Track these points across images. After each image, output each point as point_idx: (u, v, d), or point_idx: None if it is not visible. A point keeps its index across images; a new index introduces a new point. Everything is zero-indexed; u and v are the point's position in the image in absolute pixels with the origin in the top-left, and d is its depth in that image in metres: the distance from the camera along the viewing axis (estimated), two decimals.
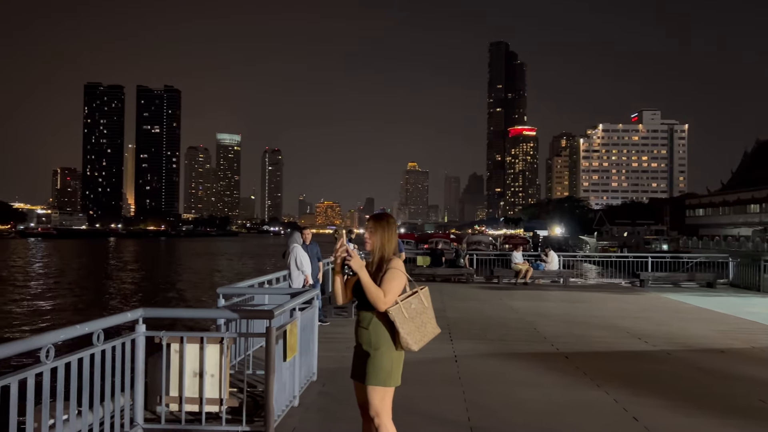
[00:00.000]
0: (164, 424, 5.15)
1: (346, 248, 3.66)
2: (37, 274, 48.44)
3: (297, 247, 10.10)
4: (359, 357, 3.80)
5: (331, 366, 7.56)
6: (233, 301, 7.52)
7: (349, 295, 3.90)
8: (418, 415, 5.60)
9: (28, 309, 26.88)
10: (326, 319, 10.61)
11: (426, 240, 48.08)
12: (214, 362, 5.20)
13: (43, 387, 3.86)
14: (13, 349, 3.61)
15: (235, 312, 5.74)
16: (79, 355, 4.24)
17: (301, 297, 6.31)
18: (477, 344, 9.29)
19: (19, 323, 22.77)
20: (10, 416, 3.56)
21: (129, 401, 5.05)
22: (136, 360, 5.03)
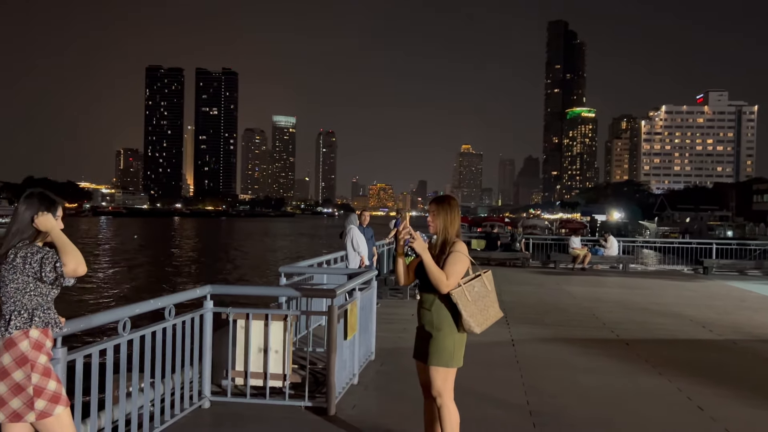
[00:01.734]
0: (230, 397, 5.34)
1: (410, 230, 3.70)
2: (112, 251, 50.47)
3: (354, 229, 10.21)
4: (421, 338, 3.84)
5: (387, 346, 7.65)
6: (294, 280, 7.68)
7: (412, 276, 3.94)
8: (478, 397, 5.62)
9: (105, 284, 28.08)
10: (378, 301, 10.71)
11: (480, 223, 47.73)
12: (278, 339, 5.35)
13: (121, 357, 4.07)
14: (94, 321, 3.82)
15: (298, 290, 5.89)
16: (152, 328, 4.44)
17: (361, 277, 6.39)
18: (534, 329, 9.22)
19: (97, 297, 23.82)
20: (91, 384, 3.78)
21: (197, 374, 5.25)
22: (204, 335, 5.23)
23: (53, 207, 3.02)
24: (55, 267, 2.86)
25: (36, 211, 2.96)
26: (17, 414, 2.80)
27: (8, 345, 2.82)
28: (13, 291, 2.86)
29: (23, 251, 2.87)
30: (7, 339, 2.82)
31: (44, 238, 3.00)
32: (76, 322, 3.52)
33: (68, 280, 2.96)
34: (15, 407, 2.79)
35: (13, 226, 2.95)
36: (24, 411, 2.80)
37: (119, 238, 73.29)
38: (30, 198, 3.01)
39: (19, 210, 2.97)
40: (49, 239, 2.99)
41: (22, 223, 2.95)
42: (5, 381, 2.79)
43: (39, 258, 2.86)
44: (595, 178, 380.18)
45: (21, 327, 2.85)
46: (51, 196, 3.06)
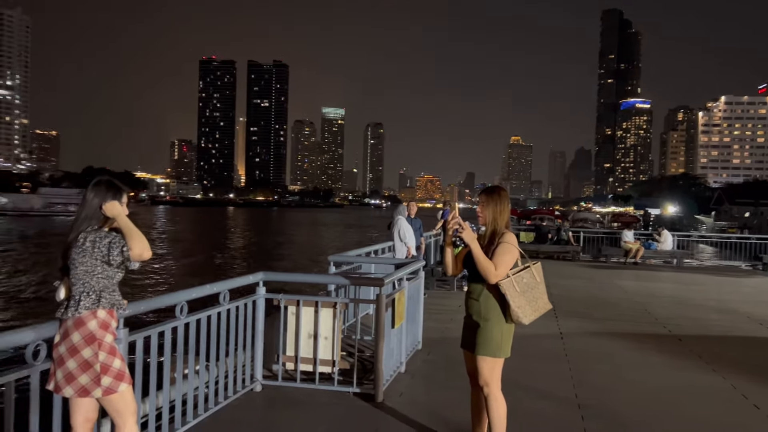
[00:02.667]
0: (281, 381, 5.49)
1: (459, 220, 3.73)
2: (171, 238, 51.96)
3: (401, 219, 10.27)
4: (469, 327, 3.88)
5: (434, 336, 7.70)
6: (342, 269, 7.80)
7: (460, 267, 3.97)
8: (526, 389, 5.62)
9: (164, 269, 28.97)
10: (426, 291, 10.76)
11: (529, 216, 47.09)
12: (328, 325, 5.47)
13: (177, 340, 4.24)
14: (153, 304, 3.99)
15: (347, 279, 5.99)
16: (207, 312, 4.61)
17: (408, 267, 6.45)
18: (583, 322, 9.11)
19: (156, 282, 24.63)
20: (151, 364, 3.96)
21: (249, 358, 5.42)
22: (256, 320, 5.38)
23: (119, 194, 3.17)
24: (122, 251, 3.00)
25: (103, 199, 3.11)
26: (85, 389, 2.96)
27: (78, 324, 2.99)
28: (82, 273, 3.02)
29: (92, 236, 3.03)
30: (77, 318, 2.99)
31: (111, 224, 3.15)
32: (137, 305, 3.69)
33: (134, 264, 3.10)
34: (83, 383, 2.95)
35: (83, 213, 3.11)
36: (91, 387, 2.96)
37: (178, 226, 75.36)
38: (98, 186, 3.16)
39: (87, 197, 3.13)
40: (115, 225, 3.14)
41: (90, 210, 3.10)
42: (75, 358, 2.95)
43: (107, 242, 3.01)
44: (649, 170, 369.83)
45: (89, 307, 3.00)
46: (117, 184, 3.22)
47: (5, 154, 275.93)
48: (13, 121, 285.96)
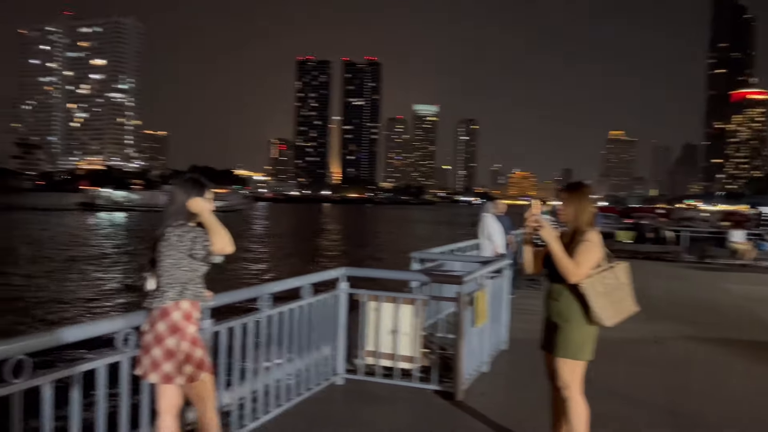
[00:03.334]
0: (362, 375, 5.56)
1: (537, 218, 3.62)
2: (270, 233, 53.94)
3: (488, 217, 10.11)
4: (549, 328, 3.77)
5: (521, 336, 7.52)
6: (426, 266, 7.79)
7: (540, 266, 3.86)
8: (612, 394, 5.39)
9: (253, 262, 30.15)
10: (514, 291, 10.53)
11: (629, 214, 45.14)
12: (408, 322, 5.48)
13: (261, 332, 4.38)
14: (237, 296, 4.15)
15: (427, 276, 5.98)
16: (290, 306, 4.74)
17: (491, 265, 6.35)
18: (681, 326, 8.62)
19: (243, 274, 25.65)
20: (234, 355, 4.12)
21: (332, 352, 5.53)
22: (339, 314, 5.48)
23: (204, 190, 3.31)
24: (204, 245, 3.14)
25: (189, 195, 3.26)
26: (168, 376, 3.12)
27: (163, 314, 3.15)
28: (168, 266, 3.18)
29: (178, 230, 3.18)
30: (162, 308, 3.15)
31: (196, 219, 3.29)
32: (221, 297, 3.84)
33: (217, 258, 3.23)
34: (167, 370, 3.11)
35: (170, 208, 3.27)
36: (174, 374, 3.12)
37: (276, 221, 78.12)
38: (184, 182, 3.32)
39: (174, 193, 3.29)
40: (200, 220, 3.29)
41: (177, 205, 3.26)
42: (159, 346, 3.12)
43: (191, 237, 3.15)
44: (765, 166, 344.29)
45: (174, 298, 3.16)
46: (202, 181, 3.36)
47: (119, 154, 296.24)
48: (126, 122, 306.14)
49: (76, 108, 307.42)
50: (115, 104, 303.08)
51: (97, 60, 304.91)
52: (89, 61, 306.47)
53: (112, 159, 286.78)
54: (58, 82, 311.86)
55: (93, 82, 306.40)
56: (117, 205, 79.44)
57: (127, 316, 3.30)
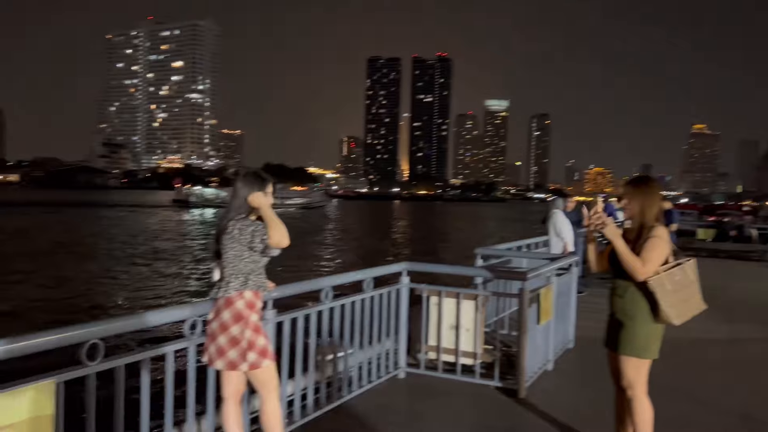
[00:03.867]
0: (423, 369, 5.58)
1: (601, 215, 3.54)
2: (340, 228, 54.77)
3: (558, 213, 9.90)
4: (613, 326, 3.68)
5: (589, 335, 7.31)
6: (490, 263, 7.71)
7: (605, 263, 3.77)
8: (679, 395, 5.19)
9: (317, 256, 30.69)
10: (584, 290, 10.26)
11: (712, 212, 43.09)
12: (470, 318, 5.45)
13: (322, 325, 4.47)
14: (299, 288, 4.25)
15: (490, 272, 5.92)
16: (352, 298, 4.81)
17: (557, 262, 6.22)
18: (761, 328, 8.16)
19: (307, 267, 26.13)
20: (297, 345, 4.22)
21: (394, 345, 5.57)
22: (400, 309, 5.51)
23: (264, 185, 3.41)
24: (263, 239, 3.24)
25: (250, 190, 3.37)
26: (233, 363, 3.24)
27: (227, 303, 3.27)
28: (231, 257, 3.30)
29: (239, 224, 3.30)
30: (227, 298, 3.27)
31: (257, 213, 3.40)
32: (283, 288, 3.95)
33: (274, 251, 3.33)
34: (231, 357, 3.23)
35: (233, 202, 3.39)
36: (238, 361, 3.24)
37: (348, 217, 79.13)
38: (245, 178, 3.43)
39: (237, 188, 3.41)
40: (260, 214, 3.39)
41: (239, 200, 3.38)
42: (224, 334, 3.24)
43: (251, 230, 3.26)
44: None
45: (238, 288, 3.28)
46: (262, 176, 3.46)
47: (197, 152, 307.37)
48: (204, 122, 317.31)
49: (157, 109, 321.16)
50: (193, 104, 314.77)
51: (176, 62, 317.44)
52: (169, 63, 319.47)
53: (191, 157, 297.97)
54: (140, 84, 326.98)
55: (172, 84, 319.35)
56: (207, 202, 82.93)
57: (194, 305, 3.45)
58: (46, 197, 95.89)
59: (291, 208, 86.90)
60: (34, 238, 35.45)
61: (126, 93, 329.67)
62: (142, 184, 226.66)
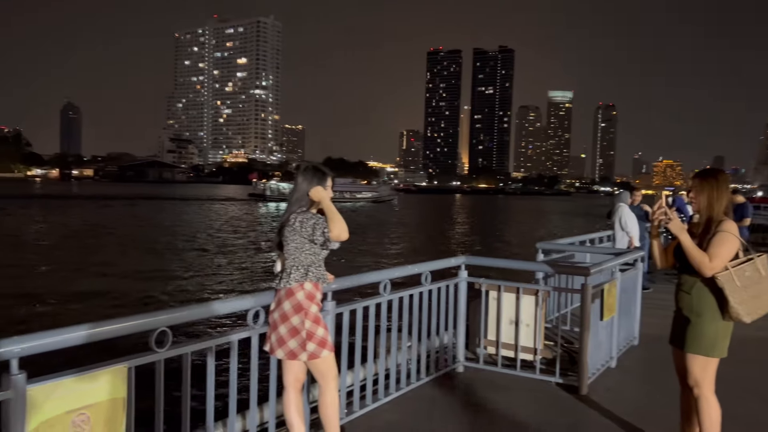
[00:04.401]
0: (482, 364, 5.55)
1: (665, 210, 3.44)
2: (400, 222, 54.98)
3: (623, 207, 9.64)
4: (679, 323, 3.57)
5: (655, 332, 7.11)
6: (552, 257, 7.59)
7: (671, 259, 3.67)
8: (749, 396, 4.98)
9: (375, 249, 30.87)
10: (650, 286, 9.96)
11: None
12: (530, 313, 5.39)
13: (381, 316, 4.52)
14: (358, 280, 4.31)
15: (551, 267, 5.83)
16: (410, 291, 4.83)
17: (622, 257, 6.07)
18: None
19: (365, 260, 26.33)
20: (356, 337, 4.28)
21: (452, 339, 5.57)
22: (458, 302, 5.50)
23: (324, 179, 3.48)
24: (323, 232, 3.30)
25: (310, 184, 3.44)
26: (293, 352, 3.33)
27: (288, 294, 3.36)
28: (293, 249, 3.38)
29: (300, 216, 3.37)
30: (288, 289, 3.36)
31: (318, 206, 3.47)
32: (343, 280, 4.01)
33: (333, 244, 3.39)
34: (292, 347, 3.32)
35: (294, 195, 3.47)
36: (298, 350, 3.32)
37: (409, 210, 79.24)
38: (306, 171, 3.50)
39: (298, 182, 3.48)
40: (320, 207, 3.46)
41: (300, 193, 3.45)
42: (285, 324, 3.33)
43: (312, 223, 3.33)
44: None
45: (298, 280, 3.35)
46: (322, 170, 3.53)
47: (261, 147, 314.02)
48: (267, 117, 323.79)
49: (222, 105, 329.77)
50: (257, 100, 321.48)
51: (241, 59, 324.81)
52: (234, 60, 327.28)
53: (255, 152, 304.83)
54: (206, 81, 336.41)
55: (237, 80, 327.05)
56: (283, 196, 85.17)
57: (257, 296, 3.55)
58: (122, 191, 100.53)
59: (360, 203, 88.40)
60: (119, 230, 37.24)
61: (193, 90, 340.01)
62: (207, 179, 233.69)
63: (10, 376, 2.35)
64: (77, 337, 2.61)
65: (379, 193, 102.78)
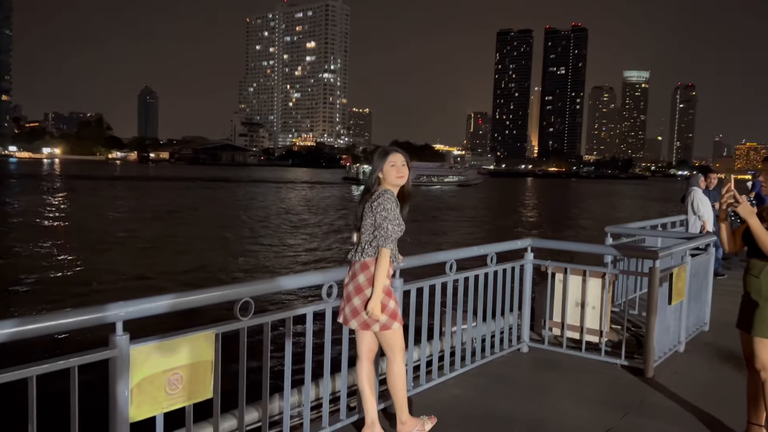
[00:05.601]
0: (547, 345, 5.63)
1: (734, 194, 3.42)
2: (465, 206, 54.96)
3: (696, 191, 9.38)
4: (747, 306, 3.57)
5: (727, 318, 6.92)
6: (621, 241, 7.52)
7: (739, 243, 3.65)
8: None
9: (443, 230, 30.97)
10: (724, 272, 9.67)
11: None
12: (596, 295, 5.42)
13: (447, 295, 4.67)
14: (425, 259, 4.48)
15: (618, 250, 5.83)
16: (475, 272, 4.96)
17: (693, 241, 5.98)
18: None
19: (432, 240, 26.47)
20: (423, 314, 4.46)
21: (517, 320, 5.67)
22: (524, 284, 5.59)
23: (386, 157, 3.63)
24: (382, 233, 3.47)
25: (378, 164, 3.61)
26: (366, 323, 3.52)
27: (363, 267, 3.54)
28: (368, 225, 3.56)
29: (376, 195, 3.55)
30: (362, 262, 3.54)
31: (391, 185, 3.63)
32: (411, 259, 4.19)
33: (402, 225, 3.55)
34: (365, 318, 3.52)
35: (371, 177, 3.65)
36: (371, 321, 3.51)
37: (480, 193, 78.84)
38: (376, 153, 3.68)
39: (375, 162, 3.66)
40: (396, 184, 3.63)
41: (375, 174, 3.63)
42: (359, 296, 3.52)
43: (382, 216, 3.50)
44: None
45: (372, 255, 3.53)
46: (387, 149, 3.69)
47: (329, 131, 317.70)
48: (335, 101, 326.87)
49: (292, 89, 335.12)
50: (326, 84, 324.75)
51: (310, 43, 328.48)
52: (303, 44, 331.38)
53: (323, 136, 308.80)
54: (276, 66, 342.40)
55: (306, 64, 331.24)
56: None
57: (331, 271, 3.77)
58: (211, 173, 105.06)
59: (447, 186, 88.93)
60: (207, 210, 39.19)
61: (263, 74, 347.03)
62: (277, 162, 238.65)
63: (115, 337, 2.65)
64: (171, 304, 2.90)
65: (466, 177, 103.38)
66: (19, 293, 15.00)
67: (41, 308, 13.02)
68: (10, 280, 16.04)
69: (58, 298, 14.08)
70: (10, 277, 16.37)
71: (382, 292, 3.45)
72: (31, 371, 2.40)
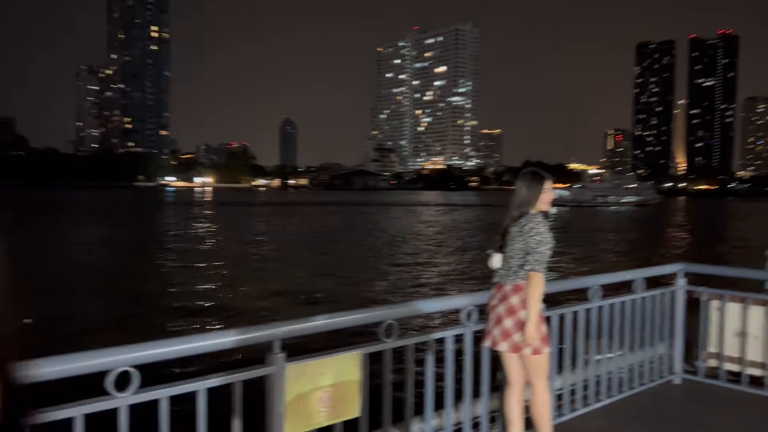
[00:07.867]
0: (702, 377, 5.24)
1: None
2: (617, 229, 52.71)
3: None
4: None
5: None
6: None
7: None
8: None
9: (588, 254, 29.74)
10: None
11: None
12: (759, 325, 4.99)
13: (591, 322, 4.51)
14: (567, 285, 4.38)
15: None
16: (621, 298, 4.75)
17: None
18: None
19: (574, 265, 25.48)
20: (566, 341, 4.33)
21: (667, 350, 5.33)
22: (675, 312, 5.26)
23: (542, 183, 3.62)
24: (534, 258, 3.45)
25: (530, 187, 3.60)
26: (517, 346, 3.49)
27: (516, 289, 3.52)
28: (518, 249, 3.54)
29: (525, 219, 3.54)
30: (515, 284, 3.53)
31: (540, 209, 3.61)
32: (553, 284, 4.10)
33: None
34: (516, 340, 3.49)
35: (515, 199, 3.63)
36: (522, 344, 3.48)
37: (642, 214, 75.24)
38: (524, 176, 3.67)
39: (517, 186, 3.66)
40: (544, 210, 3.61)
41: (520, 198, 3.61)
42: (512, 317, 3.50)
43: (536, 240, 3.48)
44: None
45: (523, 278, 3.51)
46: (540, 173, 3.67)
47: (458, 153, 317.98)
48: (465, 124, 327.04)
49: (422, 114, 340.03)
50: (455, 107, 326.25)
51: (439, 68, 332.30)
52: (433, 69, 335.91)
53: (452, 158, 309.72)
54: (407, 92, 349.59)
55: (436, 89, 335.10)
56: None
57: (472, 295, 3.80)
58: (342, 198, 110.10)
59: (624, 207, 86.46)
60: (351, 233, 41.27)
61: (394, 101, 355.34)
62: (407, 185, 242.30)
63: (273, 355, 2.84)
64: (323, 324, 3.07)
65: (644, 196, 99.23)
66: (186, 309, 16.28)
67: (209, 325, 14.10)
68: (187, 298, 17.59)
69: (226, 315, 15.22)
70: (185, 298, 17.86)
71: (538, 316, 3.43)
72: (200, 384, 2.64)
